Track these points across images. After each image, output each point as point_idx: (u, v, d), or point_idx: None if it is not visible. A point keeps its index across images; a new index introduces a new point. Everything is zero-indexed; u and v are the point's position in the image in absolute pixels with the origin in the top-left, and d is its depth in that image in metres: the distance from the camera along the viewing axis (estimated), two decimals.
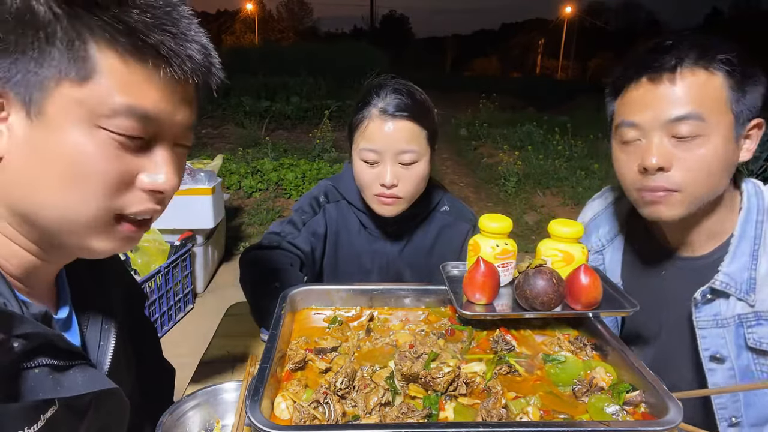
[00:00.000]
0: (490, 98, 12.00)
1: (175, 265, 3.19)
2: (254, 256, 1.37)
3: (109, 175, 0.60)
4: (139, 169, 0.63)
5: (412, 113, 1.27)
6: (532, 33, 51.95)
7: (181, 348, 2.82)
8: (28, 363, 0.57)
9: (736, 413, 1.08)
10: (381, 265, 1.48)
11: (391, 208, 1.33)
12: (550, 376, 0.90)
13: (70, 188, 0.59)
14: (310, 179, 5.90)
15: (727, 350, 1.07)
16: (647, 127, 1.01)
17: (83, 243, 0.64)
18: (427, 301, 1.14)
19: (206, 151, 6.79)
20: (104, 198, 0.61)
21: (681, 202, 1.02)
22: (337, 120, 8.47)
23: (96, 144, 0.58)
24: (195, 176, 3.43)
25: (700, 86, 0.97)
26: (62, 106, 0.57)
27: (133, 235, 0.68)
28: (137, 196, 0.64)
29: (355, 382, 0.85)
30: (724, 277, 1.05)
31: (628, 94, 1.05)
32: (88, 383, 0.63)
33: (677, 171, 1.00)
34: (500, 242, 1.07)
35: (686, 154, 0.99)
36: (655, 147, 1.00)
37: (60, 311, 0.74)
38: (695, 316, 1.09)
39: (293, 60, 13.17)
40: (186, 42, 0.61)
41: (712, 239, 1.12)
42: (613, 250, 1.30)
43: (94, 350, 0.77)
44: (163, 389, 1.12)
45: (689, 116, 0.97)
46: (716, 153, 0.98)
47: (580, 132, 9.13)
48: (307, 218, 1.45)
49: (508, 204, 6.27)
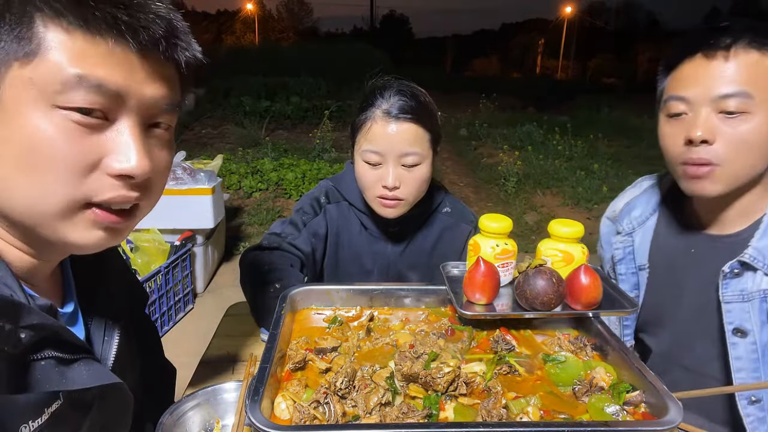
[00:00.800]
0: (490, 98, 12.01)
1: (175, 265, 3.19)
2: (254, 257, 1.37)
3: (71, 158, 0.57)
4: (104, 152, 0.60)
5: (415, 115, 1.27)
6: (532, 33, 51.94)
7: (181, 348, 2.82)
8: (35, 355, 0.57)
9: (757, 393, 1.10)
10: (382, 266, 1.48)
11: (392, 210, 1.33)
12: (550, 376, 0.90)
13: (32, 175, 0.57)
14: (310, 179, 5.90)
15: (751, 324, 1.09)
16: (696, 101, 1.05)
17: (60, 236, 0.62)
18: (427, 301, 1.14)
19: (206, 151, 6.79)
20: (68, 183, 0.58)
21: (722, 178, 1.06)
22: (337, 120, 8.47)
23: (54, 125, 0.56)
24: (195, 176, 3.43)
25: (751, 65, 1.01)
26: (15, 88, 0.55)
27: (117, 226, 0.64)
28: (105, 182, 0.61)
29: (355, 382, 0.85)
30: (753, 251, 1.08)
31: (681, 70, 1.09)
32: (93, 377, 0.63)
33: (720, 145, 1.03)
34: (500, 242, 1.07)
35: (731, 129, 1.02)
36: (701, 120, 1.04)
37: (66, 306, 0.74)
38: (721, 290, 1.12)
39: (293, 60, 13.18)
40: (140, 14, 0.58)
41: (744, 218, 1.15)
42: (644, 232, 1.33)
43: (99, 345, 0.76)
44: (164, 389, 1.12)
45: (738, 94, 1.01)
46: (760, 131, 1.02)
47: (580, 132, 9.15)
48: (307, 219, 1.45)
49: (508, 204, 6.27)
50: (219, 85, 10.31)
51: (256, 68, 11.88)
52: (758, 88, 1.00)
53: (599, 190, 6.30)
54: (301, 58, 13.41)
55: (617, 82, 30.99)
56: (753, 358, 1.09)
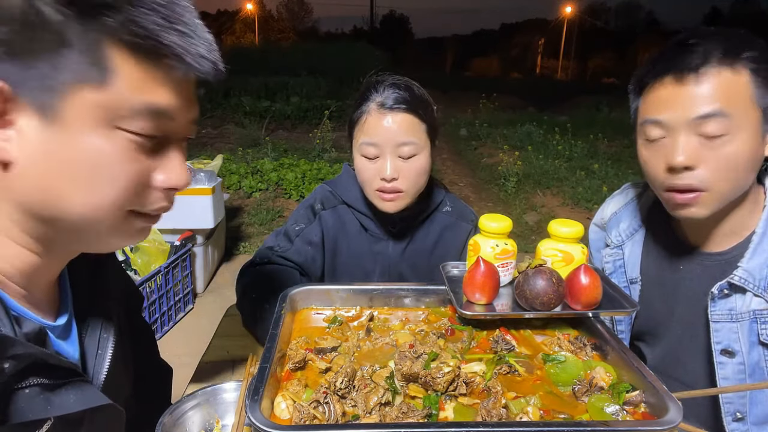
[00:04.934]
0: (490, 98, 12.01)
1: (175, 265, 3.19)
2: (245, 283, 1.38)
3: (129, 177, 0.60)
4: (155, 168, 0.64)
5: (409, 106, 1.28)
6: (532, 33, 51.94)
7: (181, 348, 2.82)
8: (18, 384, 0.57)
9: (742, 409, 1.10)
10: (383, 267, 1.48)
11: (392, 203, 1.33)
12: (550, 376, 0.90)
13: (91, 192, 0.59)
14: (310, 179, 5.90)
15: (739, 345, 1.09)
16: (672, 125, 1.02)
17: (101, 241, 0.66)
18: (427, 301, 1.14)
19: (206, 151, 6.79)
20: (124, 199, 0.61)
21: (709, 201, 1.03)
22: (337, 120, 8.47)
23: (114, 146, 0.59)
24: (195, 176, 3.43)
25: (725, 84, 0.97)
26: (81, 110, 0.57)
27: (146, 228, 0.69)
28: (154, 195, 0.65)
29: (355, 382, 0.85)
30: (743, 272, 1.06)
31: (653, 92, 1.05)
32: (80, 401, 0.63)
33: (704, 170, 1.00)
34: (500, 242, 1.07)
35: (713, 153, 0.99)
36: (681, 145, 1.00)
37: (60, 318, 0.74)
38: (710, 309, 1.11)
39: (293, 60, 13.20)
40: (195, 39, 0.61)
41: (733, 236, 1.13)
42: (633, 244, 1.31)
43: (92, 359, 0.76)
44: (160, 389, 1.12)
45: (715, 114, 0.97)
46: (743, 150, 0.99)
47: (580, 132, 9.15)
48: (300, 229, 1.45)
49: (508, 204, 6.27)
50: (219, 85, 10.30)
51: (256, 68, 11.89)
52: (735, 106, 0.97)
53: (599, 190, 6.30)
54: (301, 58, 13.43)
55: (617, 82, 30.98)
56: (740, 378, 1.08)
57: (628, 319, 1.34)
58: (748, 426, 1.10)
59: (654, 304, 1.26)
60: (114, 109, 0.57)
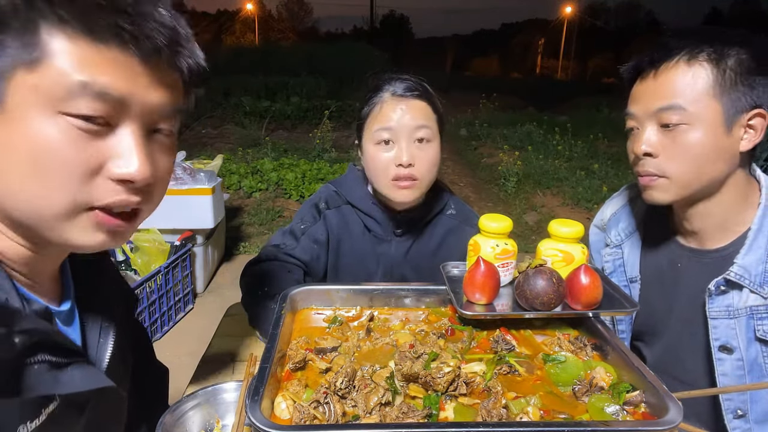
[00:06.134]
0: (490, 98, 12.01)
1: (175, 265, 3.19)
2: (250, 280, 1.38)
3: (74, 164, 0.58)
4: (106, 157, 0.61)
5: (423, 93, 1.33)
6: (532, 33, 51.98)
7: (181, 348, 2.83)
8: (28, 359, 0.57)
9: (743, 406, 1.11)
10: (386, 268, 1.48)
11: (408, 191, 1.33)
12: (550, 376, 0.90)
13: (35, 179, 0.58)
14: (310, 179, 5.90)
15: (737, 341, 1.10)
16: (640, 117, 1.12)
17: (62, 237, 0.63)
18: (428, 301, 1.15)
19: (206, 151, 6.79)
20: (72, 188, 0.59)
21: (669, 188, 1.11)
22: (337, 120, 8.46)
23: (58, 131, 0.57)
24: (195, 176, 3.43)
25: (678, 78, 1.05)
26: (20, 95, 0.56)
27: (119, 229, 0.65)
28: (108, 187, 0.62)
29: (355, 382, 0.85)
30: (739, 269, 1.08)
31: (632, 88, 1.17)
32: (85, 381, 0.63)
33: (663, 158, 1.09)
34: (500, 242, 1.07)
35: (672, 142, 1.07)
36: (645, 135, 1.10)
37: (63, 304, 0.74)
38: (708, 306, 1.12)
39: (293, 60, 13.17)
40: (144, 22, 0.59)
41: (727, 232, 1.14)
42: (632, 244, 1.34)
43: (94, 347, 0.77)
44: (157, 389, 1.12)
45: (670, 107, 1.05)
46: (703, 141, 1.05)
47: (580, 132, 9.14)
48: (306, 227, 1.45)
49: (508, 204, 6.27)
50: (219, 85, 10.31)
51: (256, 68, 11.88)
52: (690, 99, 1.04)
53: (599, 190, 6.30)
54: (301, 58, 13.41)
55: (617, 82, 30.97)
56: (738, 374, 1.09)
57: (628, 319, 1.34)
58: (750, 424, 1.10)
59: (653, 303, 1.27)
60: (50, 90, 0.56)
